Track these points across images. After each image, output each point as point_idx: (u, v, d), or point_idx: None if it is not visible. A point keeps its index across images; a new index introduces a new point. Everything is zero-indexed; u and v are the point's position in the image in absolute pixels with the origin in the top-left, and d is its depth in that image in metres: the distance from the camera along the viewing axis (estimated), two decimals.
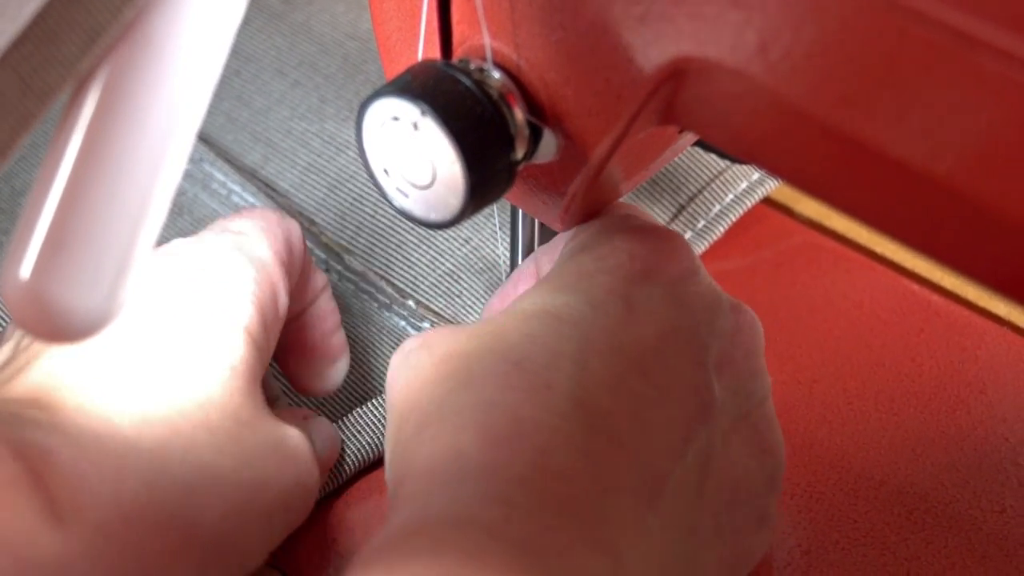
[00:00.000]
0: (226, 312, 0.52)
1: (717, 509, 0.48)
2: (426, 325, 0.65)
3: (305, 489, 0.53)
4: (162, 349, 0.50)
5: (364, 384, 0.63)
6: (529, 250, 0.61)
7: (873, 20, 0.36)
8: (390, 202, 0.48)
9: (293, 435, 0.52)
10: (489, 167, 0.45)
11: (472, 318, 0.65)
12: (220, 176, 0.70)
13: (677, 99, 0.44)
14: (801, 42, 0.38)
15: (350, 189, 0.69)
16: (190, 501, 0.48)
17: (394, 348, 0.64)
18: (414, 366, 0.48)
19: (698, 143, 0.58)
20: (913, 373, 0.62)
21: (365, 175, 0.69)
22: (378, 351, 0.65)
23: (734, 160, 0.66)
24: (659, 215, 0.69)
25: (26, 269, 0.35)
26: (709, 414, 0.47)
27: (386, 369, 0.63)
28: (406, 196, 0.47)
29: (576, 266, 0.49)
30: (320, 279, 0.60)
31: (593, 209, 0.53)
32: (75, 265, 0.35)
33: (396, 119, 0.45)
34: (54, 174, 0.35)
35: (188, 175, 0.71)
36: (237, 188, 0.70)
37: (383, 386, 0.60)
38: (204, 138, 0.72)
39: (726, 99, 0.42)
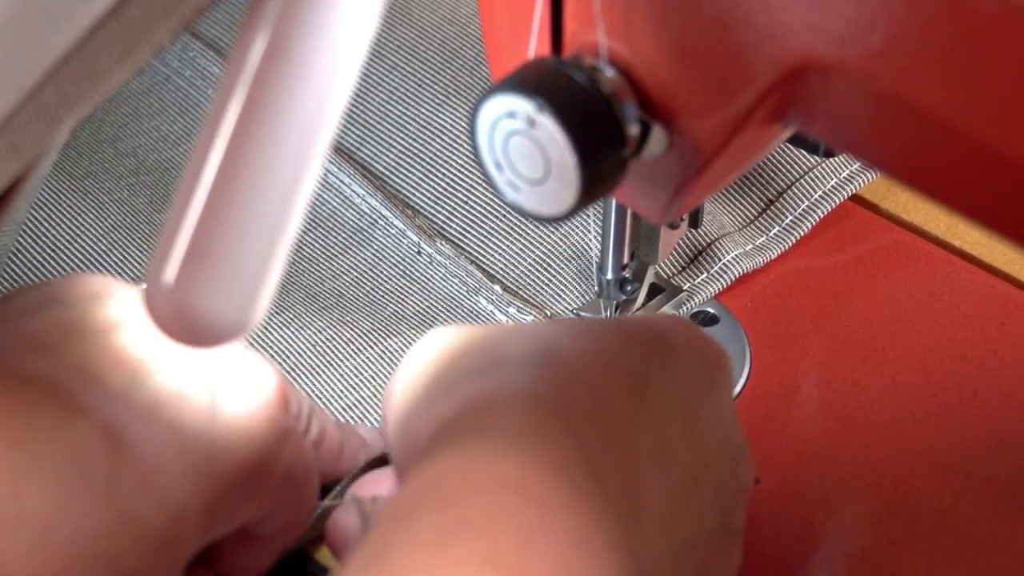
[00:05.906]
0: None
1: None
2: (512, 310, 0.63)
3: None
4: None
5: None
6: (620, 239, 0.59)
7: (996, 24, 0.34)
8: (501, 196, 0.46)
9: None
10: (602, 163, 0.44)
11: (560, 305, 0.63)
12: None
13: (793, 97, 0.42)
14: (928, 44, 0.36)
15: (444, 174, 0.68)
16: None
17: None
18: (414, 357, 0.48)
19: (790, 137, 0.56)
20: (995, 365, 0.60)
21: (460, 160, 0.67)
22: None
23: (824, 155, 0.63)
24: (747, 210, 0.66)
25: (170, 275, 0.34)
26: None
27: None
28: (518, 190, 0.45)
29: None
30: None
31: (693, 203, 0.51)
32: (218, 273, 0.34)
33: (512, 115, 0.43)
34: (197, 181, 0.34)
35: None
36: (333, 168, 0.68)
37: None
38: None
39: (845, 98, 0.40)
